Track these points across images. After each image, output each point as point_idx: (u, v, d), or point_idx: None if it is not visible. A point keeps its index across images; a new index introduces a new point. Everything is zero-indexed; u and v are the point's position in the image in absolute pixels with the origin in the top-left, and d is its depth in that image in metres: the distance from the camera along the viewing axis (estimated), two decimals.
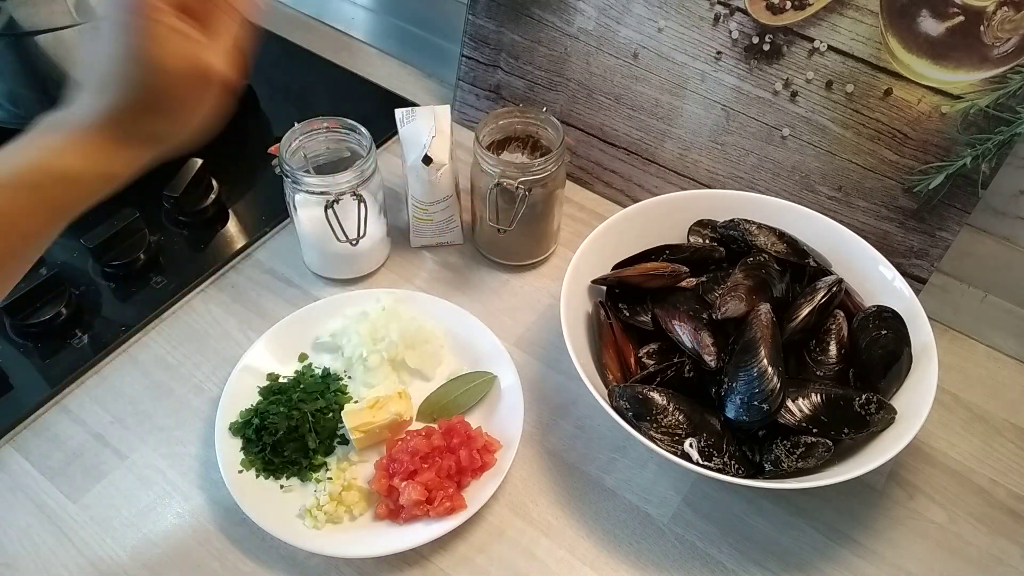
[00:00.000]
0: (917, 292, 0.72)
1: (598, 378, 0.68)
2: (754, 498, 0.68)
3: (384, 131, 0.94)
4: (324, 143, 0.79)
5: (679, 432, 0.63)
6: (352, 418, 0.67)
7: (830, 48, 0.74)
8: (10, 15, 0.77)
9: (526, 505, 0.67)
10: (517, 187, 0.74)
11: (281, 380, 0.73)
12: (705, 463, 0.61)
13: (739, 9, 0.76)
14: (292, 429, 0.68)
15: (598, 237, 0.74)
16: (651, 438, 0.62)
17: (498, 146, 0.80)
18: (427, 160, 0.76)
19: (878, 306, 0.68)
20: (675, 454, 0.61)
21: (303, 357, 0.76)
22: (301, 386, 0.72)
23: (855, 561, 0.65)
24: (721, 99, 0.81)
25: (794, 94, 0.77)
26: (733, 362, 0.64)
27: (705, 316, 0.68)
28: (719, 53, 0.79)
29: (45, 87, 0.83)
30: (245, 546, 0.64)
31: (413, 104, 0.94)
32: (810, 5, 0.73)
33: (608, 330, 0.71)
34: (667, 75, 0.83)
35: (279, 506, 0.65)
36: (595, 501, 0.68)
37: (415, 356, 0.74)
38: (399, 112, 0.80)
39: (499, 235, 0.79)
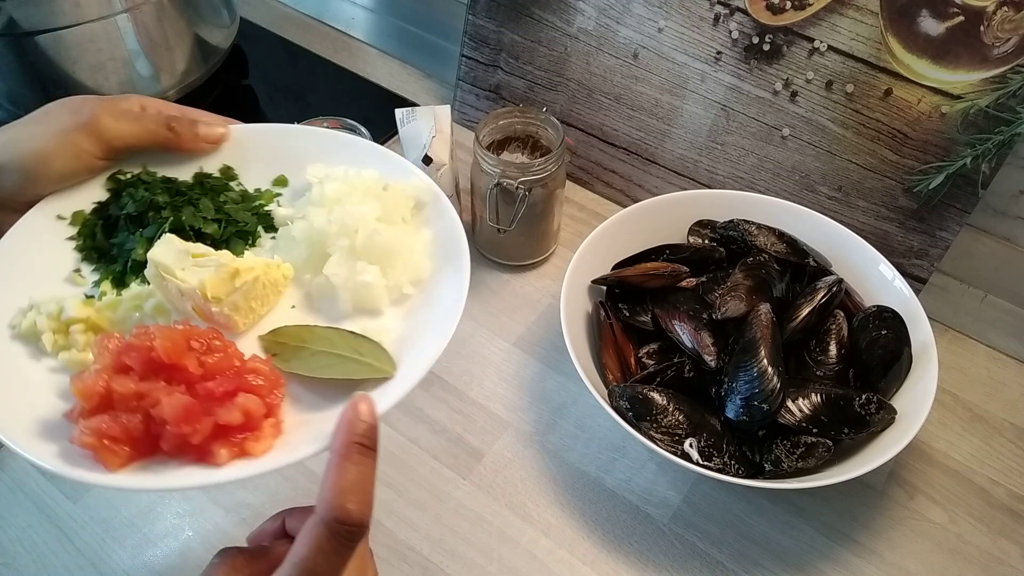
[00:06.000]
0: (917, 292, 0.72)
1: (598, 378, 0.68)
2: (754, 498, 0.68)
3: (384, 131, 0.94)
4: None
5: (679, 432, 0.63)
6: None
7: (830, 48, 0.74)
8: (10, 15, 0.77)
9: (526, 505, 0.67)
10: (517, 187, 0.74)
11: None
12: (705, 463, 0.61)
13: (739, 9, 0.76)
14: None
15: (598, 237, 0.74)
16: (651, 438, 0.62)
17: (498, 146, 0.80)
18: (427, 160, 0.76)
19: (878, 306, 0.68)
20: (675, 454, 0.61)
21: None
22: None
23: (855, 561, 0.65)
24: (721, 99, 0.81)
25: (794, 94, 0.77)
26: (733, 362, 0.64)
27: (705, 316, 0.68)
28: (719, 53, 0.79)
29: (45, 87, 0.83)
30: None
31: (413, 104, 0.94)
32: (810, 5, 0.73)
33: (608, 330, 0.71)
34: (667, 75, 0.83)
35: None
36: (595, 501, 0.68)
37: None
38: (399, 112, 0.80)
39: (499, 235, 0.79)
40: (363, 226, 0.52)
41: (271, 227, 0.57)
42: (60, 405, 0.45)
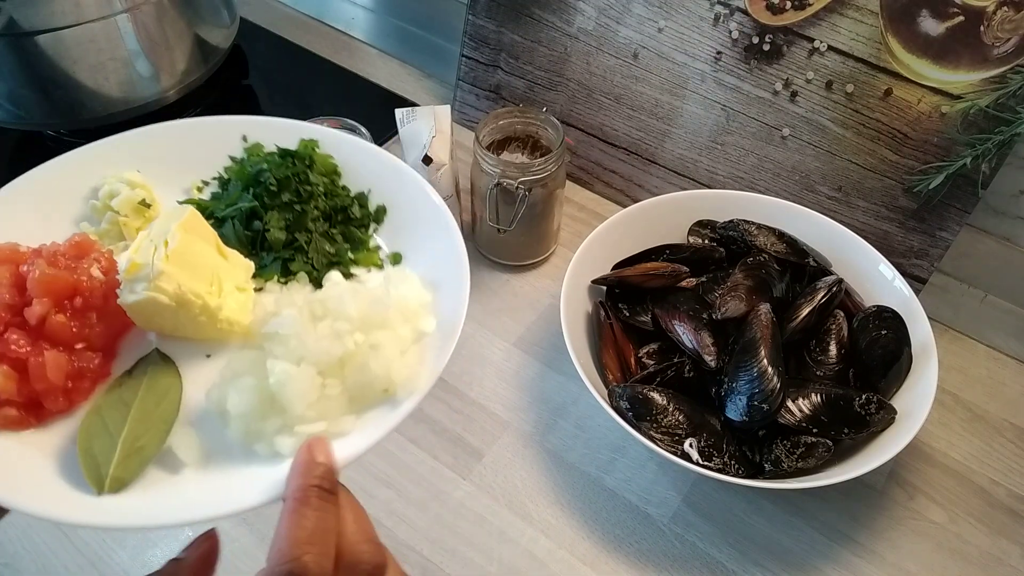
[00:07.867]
0: (917, 292, 0.72)
1: (598, 378, 0.68)
2: (754, 498, 0.68)
3: (384, 131, 0.94)
4: None
5: (679, 432, 0.63)
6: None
7: (830, 48, 0.74)
8: (10, 15, 0.77)
9: (526, 505, 0.67)
10: (517, 187, 0.74)
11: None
12: (705, 463, 0.61)
13: (739, 9, 0.76)
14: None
15: (598, 237, 0.74)
16: (651, 438, 0.62)
17: (498, 146, 0.80)
18: (427, 160, 0.76)
19: (878, 306, 0.68)
20: (675, 454, 0.61)
21: None
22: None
23: (855, 561, 0.65)
24: (721, 99, 0.81)
25: (794, 94, 0.77)
26: (733, 362, 0.64)
27: (705, 316, 0.68)
28: (719, 53, 0.79)
29: (45, 87, 0.83)
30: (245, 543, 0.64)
31: (413, 104, 0.94)
32: (810, 5, 0.73)
33: (608, 330, 0.71)
34: (667, 75, 0.83)
35: None
36: (595, 501, 0.68)
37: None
38: (399, 112, 0.80)
39: (499, 235, 0.79)
40: (313, 366, 0.43)
41: (320, 283, 0.51)
42: None
